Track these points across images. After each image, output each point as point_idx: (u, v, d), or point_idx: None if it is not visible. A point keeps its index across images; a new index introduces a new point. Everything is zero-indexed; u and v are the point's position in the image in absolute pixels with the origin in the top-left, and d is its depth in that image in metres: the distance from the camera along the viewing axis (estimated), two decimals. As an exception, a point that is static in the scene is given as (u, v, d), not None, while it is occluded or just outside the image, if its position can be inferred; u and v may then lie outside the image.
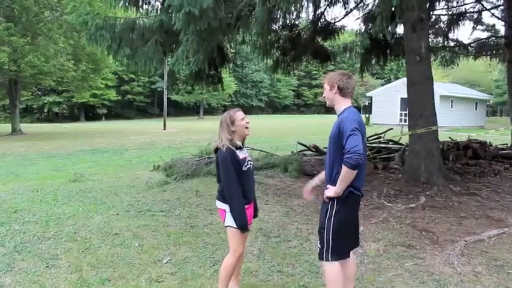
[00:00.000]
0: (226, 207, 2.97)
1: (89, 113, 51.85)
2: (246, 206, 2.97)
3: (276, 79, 60.55)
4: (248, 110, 63.67)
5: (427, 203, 6.14)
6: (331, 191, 2.74)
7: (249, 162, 3.07)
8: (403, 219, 5.32)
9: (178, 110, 58.24)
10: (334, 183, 2.74)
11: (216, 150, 3.00)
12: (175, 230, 4.93)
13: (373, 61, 9.87)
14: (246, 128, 3.05)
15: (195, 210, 5.79)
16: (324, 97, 2.90)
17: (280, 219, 5.35)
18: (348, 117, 2.69)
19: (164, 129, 28.40)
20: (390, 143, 10.80)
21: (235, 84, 54.49)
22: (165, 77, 23.59)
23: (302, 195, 2.96)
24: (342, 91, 2.80)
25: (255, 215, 3.25)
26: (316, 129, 24.94)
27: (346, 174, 2.61)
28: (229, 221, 2.97)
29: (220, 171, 2.96)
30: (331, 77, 2.84)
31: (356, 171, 2.60)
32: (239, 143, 3.04)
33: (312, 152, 10.12)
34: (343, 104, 2.82)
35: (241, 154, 3.00)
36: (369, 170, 8.23)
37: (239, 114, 3.06)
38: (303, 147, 10.39)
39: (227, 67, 8.72)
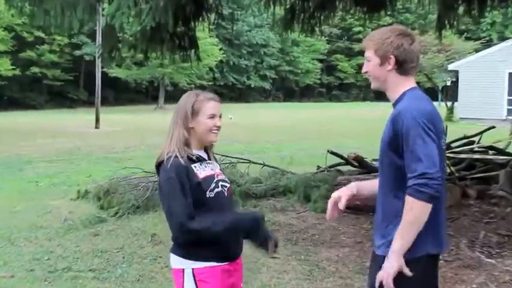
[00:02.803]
0: (185, 264, 2.94)
1: (-36, 98, 51.91)
2: (220, 265, 2.92)
3: (290, 41, 60.68)
4: (243, 95, 63.91)
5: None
6: (391, 262, 2.61)
7: (221, 184, 3.01)
8: (513, 286, 5.31)
9: (122, 93, 58.39)
10: (390, 225, 2.73)
11: (159, 165, 2.95)
12: (115, 303, 4.94)
13: (461, 9, 9.90)
14: (213, 132, 2.99)
15: (149, 267, 5.78)
16: (367, 73, 2.89)
17: (297, 283, 5.35)
18: (410, 108, 2.69)
19: (97, 126, 28.46)
20: (491, 152, 10.82)
21: (221, 50, 54.63)
22: (98, 38, 23.67)
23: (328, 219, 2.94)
24: (403, 66, 2.79)
25: None
26: (359, 128, 24.95)
27: (414, 212, 2.56)
28: None
29: (162, 203, 2.95)
30: (381, 39, 2.80)
31: (431, 205, 2.56)
32: (198, 152, 3.02)
33: (352, 168, 10.13)
34: (401, 86, 2.82)
35: (202, 170, 2.95)
36: (455, 199, 8.26)
37: (212, 105, 2.98)
38: (336, 159, 10.41)
39: (206, 20, 8.73)
